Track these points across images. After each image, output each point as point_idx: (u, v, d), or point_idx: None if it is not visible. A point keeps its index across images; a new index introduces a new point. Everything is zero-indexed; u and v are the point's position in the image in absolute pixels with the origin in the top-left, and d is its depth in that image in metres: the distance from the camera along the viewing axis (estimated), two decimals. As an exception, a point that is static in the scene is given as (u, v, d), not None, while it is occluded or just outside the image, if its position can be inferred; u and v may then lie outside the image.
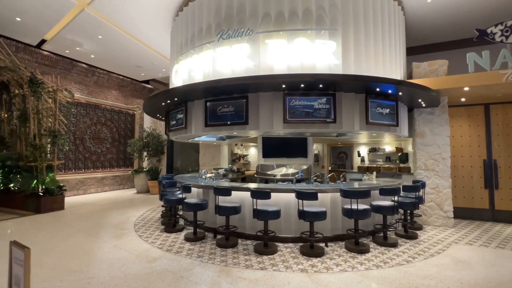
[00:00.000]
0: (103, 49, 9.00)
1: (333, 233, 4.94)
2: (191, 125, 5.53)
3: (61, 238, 5.19)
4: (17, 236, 5.42)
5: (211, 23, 5.30)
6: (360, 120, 4.83)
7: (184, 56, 5.79)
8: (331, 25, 4.76)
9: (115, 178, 12.20)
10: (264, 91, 4.78)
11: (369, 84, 4.38)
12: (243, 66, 4.86)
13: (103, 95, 11.81)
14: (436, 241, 5.04)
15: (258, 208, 4.39)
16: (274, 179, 7.66)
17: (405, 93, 4.83)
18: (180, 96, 5.29)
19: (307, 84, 4.33)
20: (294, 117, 4.58)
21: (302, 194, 4.30)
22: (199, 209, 5.03)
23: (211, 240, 5.06)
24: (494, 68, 5.10)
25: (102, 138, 11.71)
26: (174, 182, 5.96)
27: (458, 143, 6.80)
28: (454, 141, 6.76)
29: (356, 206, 4.40)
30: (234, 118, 4.83)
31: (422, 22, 6.78)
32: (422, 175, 6.31)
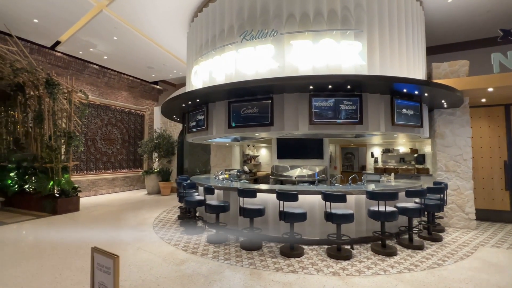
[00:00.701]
0: (117, 50, 9.00)
1: (357, 235, 4.89)
2: (212, 127, 5.50)
3: (84, 239, 5.18)
4: (39, 237, 5.40)
5: (233, 24, 5.28)
6: (385, 121, 4.78)
7: (204, 57, 5.76)
8: (356, 26, 4.72)
9: (125, 179, 12.20)
10: (289, 92, 4.74)
11: (397, 85, 4.33)
12: (267, 67, 4.83)
13: (114, 96, 11.83)
14: (462, 243, 4.98)
15: (285, 211, 4.35)
16: (290, 180, 7.62)
17: (431, 94, 4.78)
18: (202, 97, 5.26)
19: (335, 85, 4.29)
20: (320, 119, 4.54)
21: (330, 196, 4.25)
22: (221, 211, 5.00)
23: (234, 242, 5.03)
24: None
25: (112, 139, 11.72)
26: (194, 184, 5.93)
27: (477, 144, 6.73)
28: (473, 142, 6.69)
29: (383, 208, 4.36)
30: (259, 119, 4.80)
31: (442, 22, 6.72)
32: (443, 176, 6.25)
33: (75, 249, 4.65)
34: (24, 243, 5.15)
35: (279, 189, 4.54)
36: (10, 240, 5.26)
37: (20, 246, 4.92)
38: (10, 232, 5.73)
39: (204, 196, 5.24)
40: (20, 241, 5.27)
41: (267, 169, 11.94)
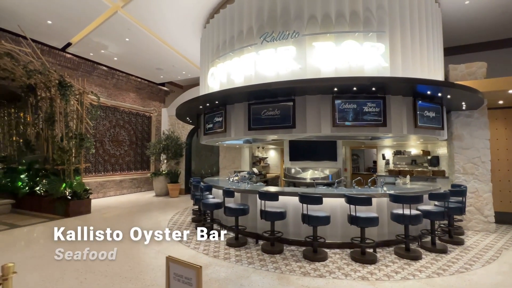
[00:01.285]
0: (127, 51, 8.97)
1: (379, 238, 4.83)
2: (230, 129, 5.46)
3: (101, 243, 5.10)
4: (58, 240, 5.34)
5: (252, 25, 5.24)
6: (407, 123, 4.74)
7: (221, 58, 5.72)
8: (378, 27, 4.69)
9: (133, 181, 12.15)
10: (311, 94, 4.70)
11: (421, 87, 4.29)
12: (289, 69, 4.79)
13: (122, 97, 11.79)
14: (484, 247, 4.92)
15: (308, 214, 4.30)
16: (304, 182, 7.57)
17: (452, 96, 4.74)
18: (221, 99, 5.22)
19: (360, 87, 4.25)
20: (343, 121, 4.49)
21: (354, 200, 4.20)
22: (241, 214, 4.94)
23: (254, 245, 4.97)
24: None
25: (120, 141, 11.67)
26: (211, 186, 5.88)
27: (494, 146, 6.67)
28: (490, 144, 6.63)
29: (408, 211, 4.30)
30: (281, 121, 4.75)
31: (458, 23, 6.69)
32: (461, 179, 6.19)
33: (95, 253, 4.58)
34: (41, 245, 5.09)
35: (302, 192, 4.49)
36: (27, 242, 5.21)
37: (37, 249, 4.87)
38: (25, 235, 5.68)
39: (223, 198, 5.19)
40: (36, 243, 5.22)
41: (275, 170, 11.89)
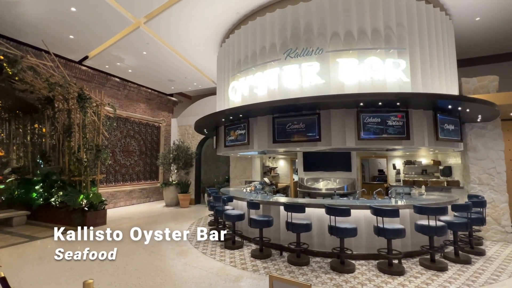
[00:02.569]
0: (143, 64, 9.16)
1: (403, 249, 4.88)
2: (253, 141, 5.57)
3: (126, 256, 5.14)
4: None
5: (276, 41, 5.44)
6: (428, 136, 4.88)
7: (243, 73, 5.89)
8: (398, 44, 4.89)
9: (142, 191, 12.16)
10: (336, 108, 4.85)
11: (442, 102, 4.45)
12: (313, 83, 4.95)
13: (132, 108, 11.93)
14: (506, 257, 4.99)
15: (336, 226, 4.37)
16: (320, 193, 7.65)
17: (471, 109, 4.90)
18: (245, 113, 5.36)
19: (384, 102, 4.40)
20: (368, 134, 4.63)
21: (381, 212, 4.29)
22: (266, 226, 5.00)
23: (279, 257, 5.01)
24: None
25: (130, 151, 11.74)
26: (231, 197, 5.94)
27: (507, 157, 6.81)
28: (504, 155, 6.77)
29: (433, 222, 4.39)
30: (306, 134, 4.88)
31: (469, 36, 6.93)
32: (477, 189, 6.30)
33: (123, 265, 4.62)
34: (64, 259, 5.10)
35: (328, 204, 4.58)
36: (51, 255, 5.21)
37: (63, 263, 4.88)
38: (47, 247, 5.68)
39: (247, 210, 5.25)
40: (60, 256, 5.22)
41: (285, 180, 11.96)
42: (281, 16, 5.40)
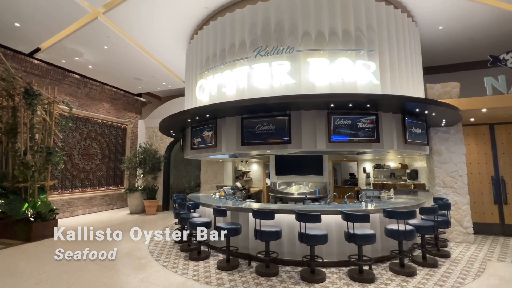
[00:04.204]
0: (104, 59, 8.46)
1: (374, 255, 4.79)
2: (221, 143, 5.22)
3: (72, 274, 4.50)
4: (13, 274, 4.61)
5: (245, 39, 5.17)
6: (397, 139, 4.87)
7: (212, 71, 5.55)
8: (369, 46, 4.86)
9: (104, 197, 11.21)
10: (307, 109, 4.67)
11: (410, 105, 4.45)
12: (283, 83, 4.74)
13: (94, 108, 11.02)
14: (469, 259, 5.09)
15: (306, 233, 4.14)
16: (291, 198, 7.46)
17: (437, 113, 4.99)
18: (212, 112, 5.00)
19: (355, 103, 4.30)
20: (339, 137, 4.49)
21: (352, 217, 4.14)
22: (234, 234, 4.65)
23: (247, 267, 4.68)
24: (511, 92, 5.47)
25: (91, 154, 10.79)
26: (198, 204, 5.53)
27: (467, 160, 7.10)
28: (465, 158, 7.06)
29: (402, 226, 4.33)
30: (276, 136, 4.63)
31: (434, 45, 7.20)
32: (441, 192, 6.47)
33: (66, 286, 4.01)
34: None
35: (299, 209, 4.35)
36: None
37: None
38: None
39: (213, 217, 4.87)
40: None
41: (258, 185, 11.70)
42: (252, 13, 5.17)
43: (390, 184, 7.73)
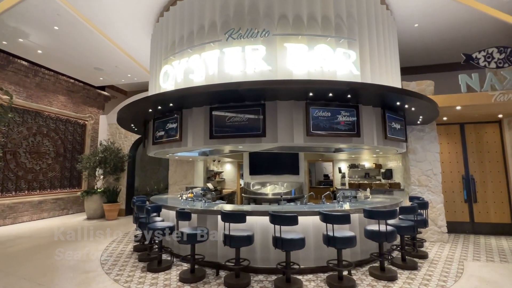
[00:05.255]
0: (57, 44, 7.42)
1: (353, 258, 4.45)
2: (187, 137, 4.60)
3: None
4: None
5: (216, 20, 4.63)
6: (377, 134, 4.60)
7: (178, 56, 4.92)
8: (349, 35, 4.56)
9: (57, 201, 9.94)
10: (283, 100, 4.22)
11: (392, 97, 4.19)
12: (258, 70, 4.26)
13: (47, 100, 9.77)
14: (446, 259, 4.94)
15: (282, 237, 3.67)
16: (266, 198, 7.00)
17: (417, 108, 4.80)
18: (177, 101, 4.37)
19: (336, 93, 3.94)
20: (318, 130, 4.09)
21: (331, 218, 3.74)
22: (199, 241, 4.05)
23: (214, 278, 4.10)
24: (484, 90, 5.47)
25: (42, 153, 9.52)
26: (159, 207, 4.84)
27: (440, 159, 7.12)
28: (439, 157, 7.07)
29: (383, 227, 4.02)
30: (249, 129, 4.12)
31: (409, 44, 7.18)
32: (416, 191, 6.38)
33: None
34: None
35: (273, 211, 3.86)
36: None
37: None
38: None
39: (176, 222, 4.23)
40: None
41: (232, 186, 11.12)
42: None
43: (366, 183, 7.57)
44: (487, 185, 6.84)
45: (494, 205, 6.75)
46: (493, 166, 6.87)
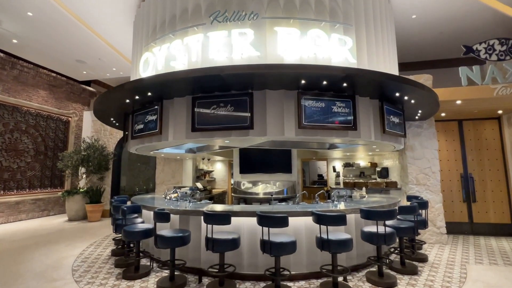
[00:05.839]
0: (32, 32, 6.91)
1: (348, 263, 4.09)
2: (167, 130, 4.18)
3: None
4: None
5: (200, 2, 4.22)
6: (375, 128, 4.26)
7: (159, 42, 4.50)
8: (344, 20, 4.20)
9: (37, 202, 9.38)
10: (273, 89, 3.84)
11: (391, 86, 3.85)
12: (245, 56, 3.87)
13: (26, 95, 9.21)
14: (447, 262, 4.63)
15: (270, 240, 3.28)
16: (257, 198, 6.61)
17: (417, 100, 4.47)
18: (156, 88, 3.95)
19: (330, 80, 3.58)
20: (311, 122, 3.73)
21: (326, 219, 3.37)
22: (179, 245, 3.63)
23: (196, 285, 3.69)
24: (485, 83, 5.19)
25: (20, 150, 8.96)
26: (138, 207, 4.41)
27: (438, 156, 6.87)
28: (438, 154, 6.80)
29: (381, 229, 3.68)
30: (235, 120, 3.72)
31: (406, 37, 6.89)
32: (414, 190, 6.08)
33: None
34: None
35: (261, 211, 3.48)
36: None
37: None
38: None
39: (154, 224, 3.80)
40: None
41: (222, 185, 10.70)
42: (209, -28, 4.24)
43: (362, 182, 7.25)
44: (486, 184, 6.59)
45: (494, 204, 6.49)
46: (493, 164, 6.62)
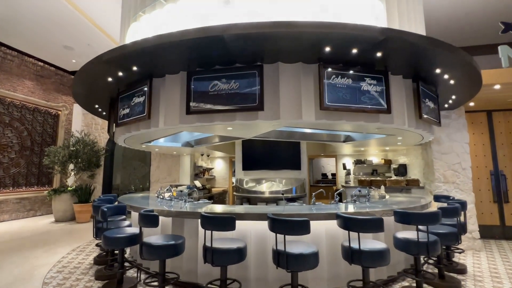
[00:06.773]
0: (14, 14, 6.17)
1: (377, 276, 3.36)
2: (157, 114, 3.44)
3: None
4: None
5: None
6: (408, 113, 3.52)
7: (149, 9, 3.76)
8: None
9: (22, 201, 8.63)
10: (287, 61, 3.10)
11: (438, 59, 3.06)
12: (253, 20, 3.13)
13: (10, 85, 8.47)
14: (491, 274, 3.90)
15: (286, 251, 2.54)
16: (262, 197, 5.87)
17: (458, 80, 3.73)
18: (142, 61, 3.20)
19: (360, 51, 2.83)
20: (335, 102, 2.99)
21: (357, 223, 2.63)
22: (171, 255, 2.89)
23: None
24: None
25: (3, 145, 8.22)
26: (123, 208, 3.67)
27: (472, 152, 6.10)
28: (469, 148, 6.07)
29: (423, 235, 2.94)
30: (240, 99, 2.98)
31: (431, 17, 6.15)
32: (442, 188, 5.35)
33: None
34: None
35: (273, 213, 2.73)
36: None
37: None
38: None
39: (139, 228, 3.06)
40: None
41: (223, 184, 9.96)
42: None
43: (379, 180, 6.51)
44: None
45: (529, 205, 5.76)
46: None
